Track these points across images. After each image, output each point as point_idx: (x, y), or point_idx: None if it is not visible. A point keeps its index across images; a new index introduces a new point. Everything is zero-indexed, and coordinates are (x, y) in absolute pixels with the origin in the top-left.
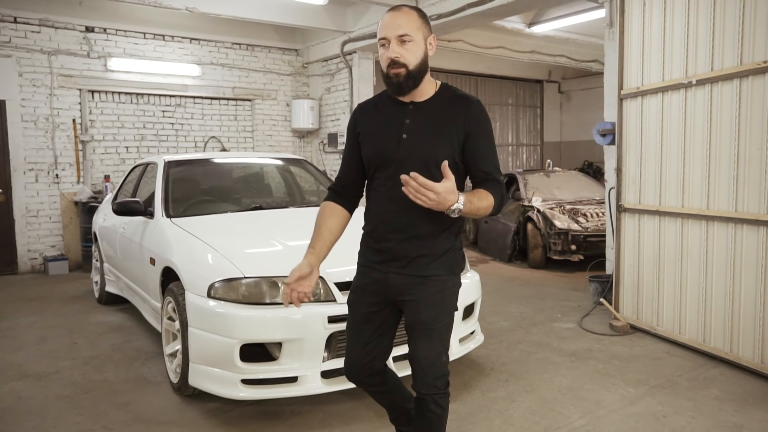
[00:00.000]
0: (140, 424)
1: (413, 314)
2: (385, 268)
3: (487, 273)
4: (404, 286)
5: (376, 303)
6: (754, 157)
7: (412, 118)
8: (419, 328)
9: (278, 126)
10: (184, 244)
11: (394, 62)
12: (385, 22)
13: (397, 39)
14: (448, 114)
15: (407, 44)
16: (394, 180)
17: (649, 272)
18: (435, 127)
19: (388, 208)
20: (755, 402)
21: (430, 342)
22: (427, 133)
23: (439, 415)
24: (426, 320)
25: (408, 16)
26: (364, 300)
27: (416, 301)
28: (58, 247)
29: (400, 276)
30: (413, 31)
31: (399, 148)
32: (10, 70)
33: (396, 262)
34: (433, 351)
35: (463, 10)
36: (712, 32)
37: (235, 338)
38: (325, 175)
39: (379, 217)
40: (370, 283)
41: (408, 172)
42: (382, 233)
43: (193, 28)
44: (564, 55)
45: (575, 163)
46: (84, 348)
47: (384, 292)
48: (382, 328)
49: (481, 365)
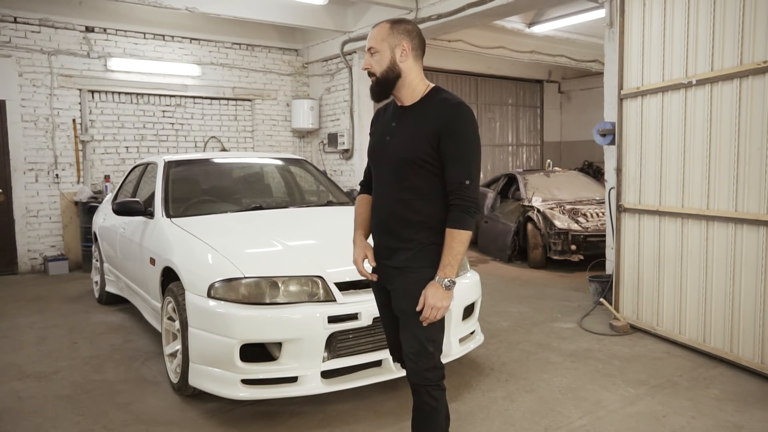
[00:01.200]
0: (140, 424)
1: (394, 303)
2: (378, 260)
3: (487, 273)
4: (387, 276)
5: (381, 288)
6: (754, 157)
7: (398, 120)
8: (401, 317)
9: (278, 126)
10: (184, 244)
11: (367, 72)
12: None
13: (367, 52)
14: (425, 116)
15: (374, 56)
16: (383, 179)
17: (649, 272)
18: (411, 129)
19: (376, 204)
20: (755, 402)
21: (410, 331)
22: (404, 135)
23: (434, 407)
24: (404, 309)
25: (377, 30)
26: (377, 294)
27: (396, 291)
28: (58, 247)
29: (385, 267)
30: (378, 44)
31: (383, 149)
32: (10, 70)
33: (381, 254)
34: (414, 340)
35: (463, 10)
36: (712, 32)
37: (235, 338)
38: (325, 175)
39: (374, 212)
40: (378, 278)
41: (389, 172)
42: (375, 227)
43: (193, 28)
44: (564, 55)
45: (575, 163)
46: (84, 348)
47: (381, 284)
48: (396, 319)
49: (481, 365)
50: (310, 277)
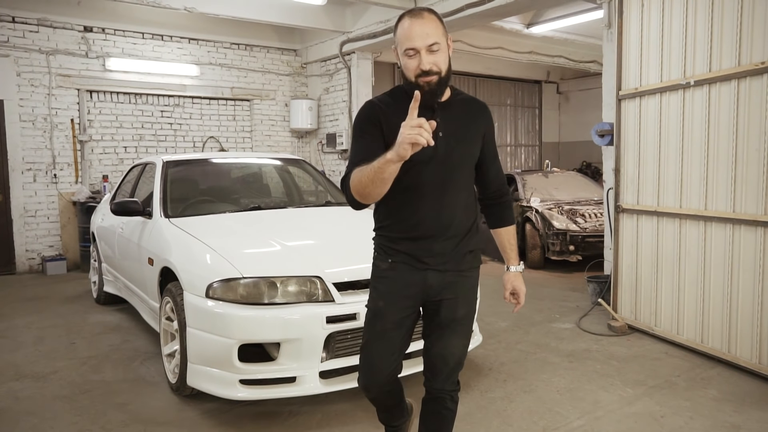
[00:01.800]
0: (138, 425)
1: (449, 312)
2: (423, 266)
3: (485, 273)
4: (443, 284)
5: (410, 306)
6: (752, 157)
7: (441, 117)
8: (452, 326)
9: (277, 126)
10: (183, 244)
11: (425, 72)
12: (413, 31)
13: (427, 48)
14: (471, 114)
15: (437, 53)
16: (431, 182)
17: (647, 273)
18: (465, 127)
19: (425, 214)
20: (753, 402)
21: (460, 339)
22: (458, 133)
23: (454, 411)
24: (461, 316)
25: (434, 23)
26: (395, 305)
27: (453, 299)
28: (56, 247)
29: (440, 273)
30: (440, 38)
31: (429, 148)
32: (8, 69)
33: (434, 260)
34: (462, 348)
35: (463, 10)
36: (710, 33)
37: (233, 338)
38: (323, 176)
39: (416, 216)
40: (406, 286)
41: (443, 173)
42: (426, 236)
43: (191, 28)
44: (562, 56)
45: (573, 164)
46: (82, 348)
47: (421, 294)
48: (409, 333)
49: (479, 365)
50: (308, 277)
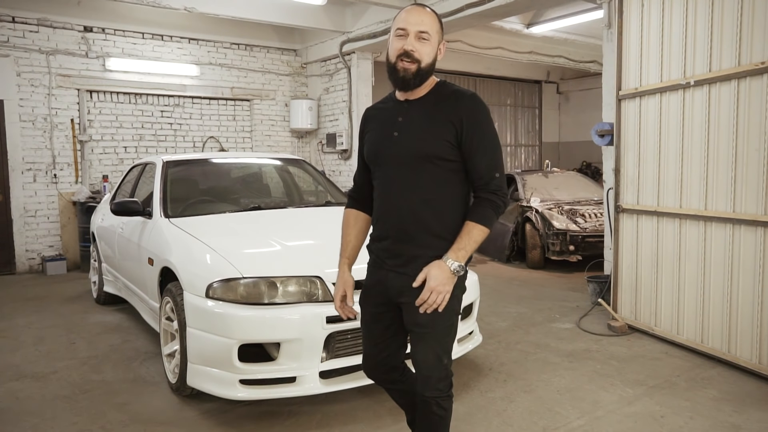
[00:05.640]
0: (138, 425)
1: (409, 316)
2: (385, 267)
3: (485, 273)
4: (402, 287)
5: (381, 304)
6: (752, 158)
7: (404, 115)
8: (416, 330)
9: (277, 126)
10: (183, 244)
11: (407, 54)
12: (408, 15)
13: (416, 34)
14: (441, 108)
15: (425, 42)
16: (393, 180)
17: (647, 273)
18: (427, 122)
19: (386, 210)
20: (753, 402)
21: (427, 345)
22: (417, 129)
23: (442, 416)
24: (422, 323)
25: (431, 17)
26: (370, 300)
27: (411, 303)
28: (56, 247)
29: (399, 276)
30: (432, 32)
31: (390, 147)
32: (8, 69)
33: (393, 261)
34: (431, 354)
35: (463, 10)
36: (710, 33)
37: (233, 338)
38: (323, 176)
39: (379, 216)
40: (374, 284)
41: (401, 172)
42: (385, 235)
43: (191, 28)
44: (562, 56)
45: (573, 164)
46: (82, 348)
47: (385, 293)
48: (392, 329)
49: (479, 365)
50: (308, 277)
